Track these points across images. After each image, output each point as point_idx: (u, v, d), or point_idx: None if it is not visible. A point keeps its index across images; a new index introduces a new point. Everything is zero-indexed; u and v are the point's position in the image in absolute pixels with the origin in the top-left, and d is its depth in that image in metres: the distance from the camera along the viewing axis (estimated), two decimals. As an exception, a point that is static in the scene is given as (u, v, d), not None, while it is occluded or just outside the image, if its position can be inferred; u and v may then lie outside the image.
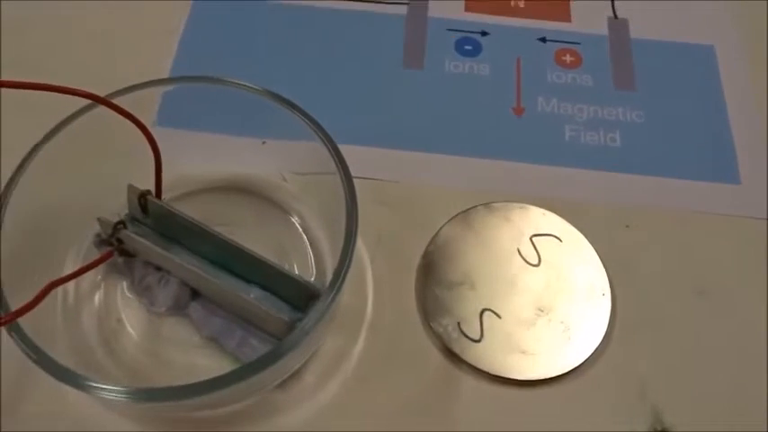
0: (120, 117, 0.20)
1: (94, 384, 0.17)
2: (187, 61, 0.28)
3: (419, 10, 0.30)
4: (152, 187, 0.22)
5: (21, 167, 0.19)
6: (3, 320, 0.16)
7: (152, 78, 0.22)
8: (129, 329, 0.21)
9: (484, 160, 0.26)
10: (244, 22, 0.29)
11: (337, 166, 0.20)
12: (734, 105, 0.27)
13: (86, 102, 0.20)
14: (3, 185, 0.19)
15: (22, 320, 0.17)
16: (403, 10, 0.29)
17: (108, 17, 0.29)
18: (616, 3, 0.30)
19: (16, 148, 0.20)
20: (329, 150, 0.20)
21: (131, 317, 0.21)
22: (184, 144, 0.24)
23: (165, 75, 0.27)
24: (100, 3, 0.29)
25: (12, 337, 0.17)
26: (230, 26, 0.29)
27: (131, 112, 0.20)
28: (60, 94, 0.19)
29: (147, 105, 0.23)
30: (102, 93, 0.20)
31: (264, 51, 0.28)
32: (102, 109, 0.20)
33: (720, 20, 0.30)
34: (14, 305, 0.17)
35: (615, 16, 0.30)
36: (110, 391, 0.17)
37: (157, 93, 0.23)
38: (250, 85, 0.22)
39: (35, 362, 0.17)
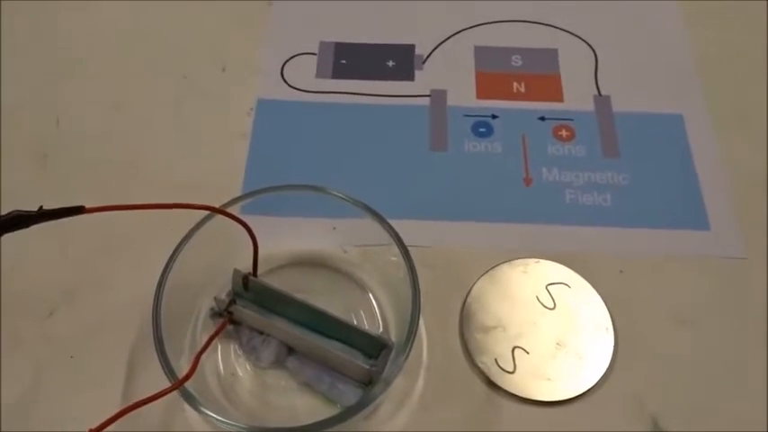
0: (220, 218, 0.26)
1: (228, 422, 0.23)
2: (258, 156, 0.34)
3: (440, 100, 0.36)
4: (243, 266, 0.28)
5: (169, 262, 0.26)
6: (174, 386, 0.22)
7: (229, 173, 0.30)
8: (242, 380, 0.27)
9: (503, 224, 0.32)
10: (299, 119, 0.35)
11: (396, 242, 0.27)
12: (701, 164, 0.34)
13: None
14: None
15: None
16: (426, 101, 0.36)
17: (187, 125, 0.36)
18: (600, 82, 0.37)
19: (151, 243, 0.27)
20: (385, 229, 0.27)
21: (243, 371, 0.28)
22: (262, 227, 0.30)
23: (243, 165, 0.34)
24: (177, 114, 0.36)
25: (179, 394, 0.23)
26: (288, 123, 0.35)
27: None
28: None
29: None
30: (196, 198, 0.26)
31: (317, 142, 0.35)
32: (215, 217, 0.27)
33: (686, 93, 0.36)
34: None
35: (599, 94, 0.36)
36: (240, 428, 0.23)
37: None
38: (318, 187, 0.29)
39: (194, 408, 0.23)
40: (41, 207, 0.23)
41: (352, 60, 0.38)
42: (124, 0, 0.40)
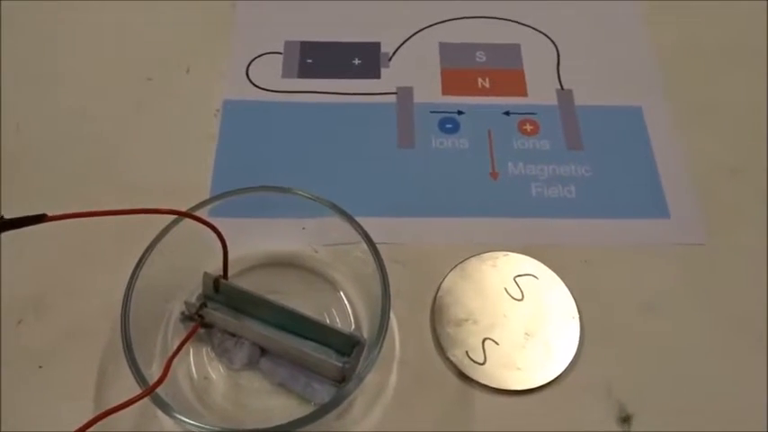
0: (188, 222, 0.26)
1: (202, 425, 0.23)
2: (226, 158, 0.34)
3: (406, 97, 0.36)
4: (213, 268, 0.28)
5: (136, 268, 0.26)
6: (145, 393, 0.22)
7: (197, 175, 0.31)
8: (216, 384, 0.27)
9: (471, 219, 0.32)
10: (266, 119, 0.35)
11: (364, 239, 0.27)
12: (660, 154, 0.35)
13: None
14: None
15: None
16: (393, 99, 0.36)
17: (152, 128, 0.36)
18: (562, 76, 0.38)
19: (120, 248, 0.27)
20: (353, 226, 0.27)
21: (216, 374, 0.28)
22: (231, 229, 0.30)
23: (211, 167, 0.34)
24: (142, 114, 0.36)
25: (151, 400, 0.23)
26: (255, 124, 0.35)
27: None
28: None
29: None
30: (165, 201, 0.26)
31: (285, 141, 0.35)
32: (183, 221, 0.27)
33: (645, 85, 0.37)
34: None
35: (562, 87, 0.37)
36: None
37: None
38: (285, 188, 0.29)
39: (167, 414, 0.23)
40: (2, 216, 0.23)
41: (318, 59, 0.38)
42: (85, 1, 0.40)
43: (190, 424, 0.23)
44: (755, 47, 0.39)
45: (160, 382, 0.23)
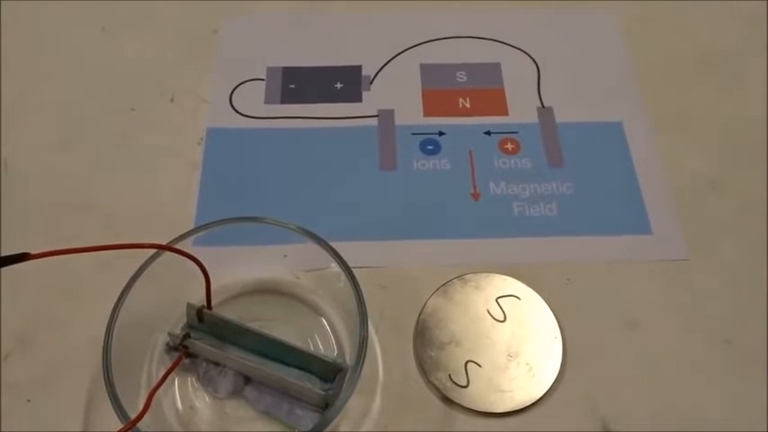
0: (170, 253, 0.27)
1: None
2: (210, 186, 0.34)
3: (387, 119, 0.37)
4: (197, 298, 0.29)
5: (118, 302, 0.26)
6: (126, 428, 0.23)
7: (182, 204, 0.31)
8: (201, 413, 0.28)
9: (453, 240, 0.33)
10: (249, 145, 0.36)
11: (338, 262, 0.27)
12: (641, 169, 0.35)
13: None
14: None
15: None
16: (375, 121, 0.37)
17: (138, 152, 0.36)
18: (542, 94, 0.38)
19: (107, 278, 0.27)
20: (326, 250, 0.28)
21: (201, 403, 0.28)
22: (214, 258, 0.30)
23: (196, 195, 0.34)
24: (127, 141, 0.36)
25: (131, 434, 0.23)
26: (239, 151, 0.36)
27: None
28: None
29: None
30: (152, 231, 0.27)
31: (269, 167, 0.35)
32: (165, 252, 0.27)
33: (625, 100, 0.37)
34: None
35: (542, 105, 0.37)
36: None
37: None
38: (260, 218, 0.29)
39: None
40: (-15, 257, 0.24)
41: (300, 84, 0.38)
42: (67, 33, 0.40)
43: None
44: (734, 60, 0.39)
45: (141, 415, 0.23)
